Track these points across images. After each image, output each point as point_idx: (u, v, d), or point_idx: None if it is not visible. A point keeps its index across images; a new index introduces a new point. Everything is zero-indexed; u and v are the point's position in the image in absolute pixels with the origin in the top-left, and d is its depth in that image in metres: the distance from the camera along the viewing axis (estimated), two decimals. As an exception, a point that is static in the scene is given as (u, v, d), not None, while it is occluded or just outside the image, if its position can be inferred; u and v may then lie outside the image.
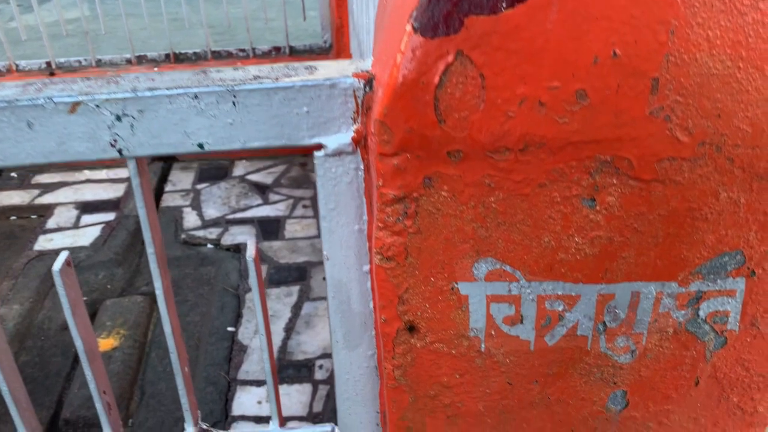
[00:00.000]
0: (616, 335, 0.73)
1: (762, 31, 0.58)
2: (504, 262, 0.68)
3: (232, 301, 2.77)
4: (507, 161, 0.62)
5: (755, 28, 0.58)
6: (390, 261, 0.68)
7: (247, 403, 2.22)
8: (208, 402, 2.21)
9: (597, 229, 0.66)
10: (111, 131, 0.66)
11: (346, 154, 0.69)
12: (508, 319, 0.72)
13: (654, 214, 0.65)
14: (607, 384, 0.77)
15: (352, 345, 0.83)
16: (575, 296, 0.70)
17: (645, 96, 0.59)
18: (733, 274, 0.69)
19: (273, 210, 3.21)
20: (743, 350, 0.76)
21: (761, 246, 0.67)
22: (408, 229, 0.66)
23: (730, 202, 0.64)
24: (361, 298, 0.79)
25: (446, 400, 0.77)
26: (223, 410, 2.19)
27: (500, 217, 0.65)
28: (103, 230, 3.14)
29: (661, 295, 0.70)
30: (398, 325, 0.72)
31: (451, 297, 0.70)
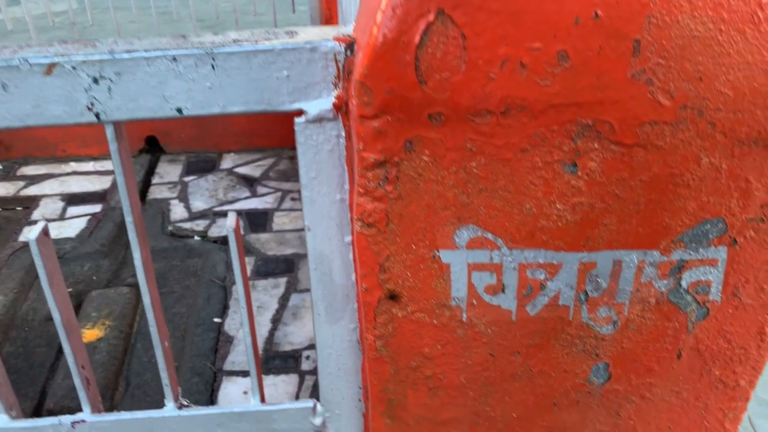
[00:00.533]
0: (598, 305, 0.73)
1: (743, -8, 0.58)
2: (486, 230, 0.67)
3: (219, 292, 2.75)
4: (488, 125, 0.61)
5: (737, -10, 0.58)
6: (371, 228, 0.67)
7: (233, 394, 2.20)
8: (194, 392, 2.19)
9: (578, 196, 0.65)
10: (88, 94, 0.65)
11: (327, 121, 0.68)
12: (489, 288, 0.71)
13: (635, 179, 0.64)
14: (589, 356, 0.77)
15: (334, 318, 0.82)
16: (557, 265, 0.69)
17: (626, 58, 0.59)
18: (714, 243, 0.69)
19: (261, 202, 3.19)
20: (725, 322, 0.75)
21: (743, 214, 0.67)
22: (389, 194, 0.65)
23: (711, 168, 0.64)
24: (343, 270, 0.78)
25: (428, 371, 0.77)
26: (208, 400, 2.18)
27: (482, 183, 0.65)
28: (89, 222, 3.12)
29: (643, 264, 0.70)
30: (379, 294, 0.71)
31: (433, 265, 0.70)
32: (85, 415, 0.87)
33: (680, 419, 0.84)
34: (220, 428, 0.89)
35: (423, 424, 0.81)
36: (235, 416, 0.88)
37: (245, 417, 0.89)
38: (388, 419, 0.80)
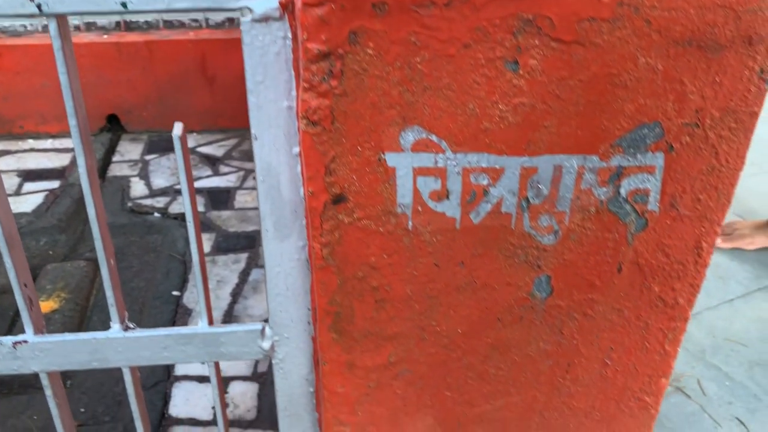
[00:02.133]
0: (540, 213, 0.74)
1: None
2: (430, 131, 0.68)
3: (179, 267, 2.72)
4: (432, 17, 0.62)
5: None
6: (316, 126, 0.67)
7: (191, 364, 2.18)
8: (150, 362, 2.16)
9: (520, 95, 0.66)
10: (29, -18, 0.64)
11: (274, 20, 0.69)
12: (434, 194, 0.72)
13: (575, 79, 0.66)
14: (532, 267, 0.78)
15: (282, 235, 0.82)
16: (499, 169, 0.71)
17: (565, -50, 0.60)
18: (652, 149, 0.71)
19: (223, 181, 3.17)
20: (663, 234, 0.77)
21: (678, 118, 0.69)
22: (334, 90, 0.65)
23: (648, 69, 0.66)
24: (291, 183, 0.78)
25: (374, 282, 0.77)
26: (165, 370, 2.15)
27: (426, 81, 0.65)
28: (47, 197, 3.06)
29: (583, 170, 0.71)
30: (325, 198, 0.71)
31: (378, 169, 0.70)
32: (28, 336, 0.85)
33: (622, 339, 0.86)
34: (167, 351, 0.89)
35: (369, 338, 0.82)
36: (182, 338, 0.88)
37: (192, 339, 0.88)
38: (335, 333, 0.81)
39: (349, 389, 0.86)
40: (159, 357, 0.90)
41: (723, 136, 0.71)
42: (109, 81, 3.35)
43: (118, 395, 2.00)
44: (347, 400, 0.87)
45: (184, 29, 3.39)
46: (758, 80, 0.68)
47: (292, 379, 0.94)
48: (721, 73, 0.67)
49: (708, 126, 0.70)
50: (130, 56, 3.31)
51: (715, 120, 0.70)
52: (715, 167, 0.73)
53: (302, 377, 0.94)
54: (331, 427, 0.90)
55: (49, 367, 0.88)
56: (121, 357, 0.88)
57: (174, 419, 1.92)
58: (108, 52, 3.32)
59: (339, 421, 0.89)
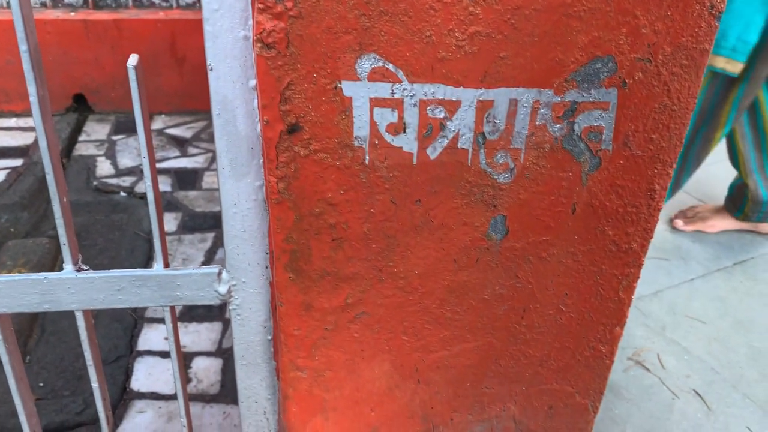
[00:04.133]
0: (496, 150, 0.74)
1: None
2: (387, 60, 0.68)
3: (143, 245, 2.69)
4: (388, -61, 0.62)
5: None
6: (271, 49, 0.67)
7: (154, 339, 2.16)
8: (113, 338, 2.14)
9: (476, 24, 0.67)
10: None
11: (231, -57, 0.68)
12: (391, 126, 0.72)
13: (530, 8, 0.66)
14: (488, 207, 0.78)
15: (239, 174, 0.81)
16: (456, 101, 0.71)
17: None
18: (605, 84, 0.72)
19: (191, 162, 3.14)
20: (617, 174, 0.78)
21: (631, 53, 0.70)
22: (289, 11, 0.65)
23: (602, 1, 0.67)
24: (247, 118, 0.77)
25: (331, 219, 0.77)
26: (128, 345, 2.13)
27: (382, 5, 0.65)
28: (9, 175, 3.00)
29: (538, 104, 0.72)
30: (281, 128, 0.71)
31: (335, 98, 0.70)
32: (-24, 276, 0.83)
33: (576, 284, 0.87)
34: (121, 293, 0.87)
35: (326, 279, 0.81)
36: (137, 280, 0.86)
37: (147, 281, 0.87)
38: (292, 273, 0.80)
39: (306, 331, 0.85)
40: (113, 300, 0.88)
41: (675, 73, 0.72)
42: (76, 60, 3.29)
43: (79, 370, 1.97)
44: (304, 344, 0.87)
45: (154, 9, 3.35)
46: (708, 16, 0.69)
47: (250, 326, 0.93)
48: (673, 8, 0.68)
49: (660, 62, 0.71)
50: (98, 35, 3.26)
51: (667, 56, 0.71)
52: (668, 105, 0.74)
53: (259, 324, 0.93)
54: (288, 372, 0.89)
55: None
56: (74, 299, 0.87)
57: (135, 393, 1.90)
58: (75, 30, 3.26)
59: (296, 366, 0.89)
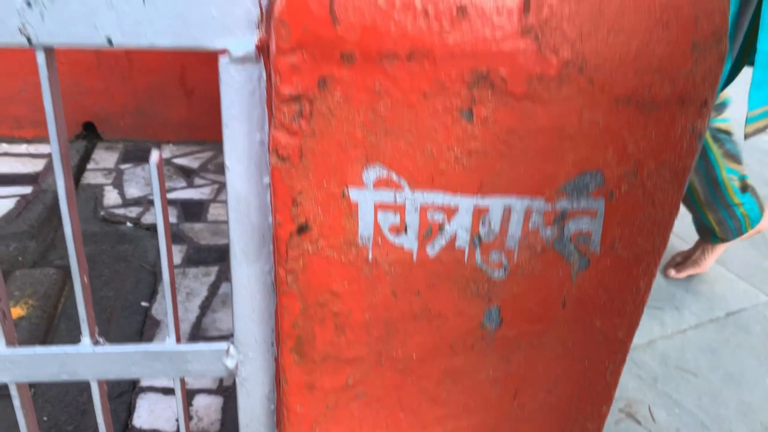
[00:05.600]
0: (490, 249, 0.80)
1: (618, -35, 0.66)
2: (391, 170, 0.74)
3: (148, 277, 2.74)
4: (395, 68, 0.68)
5: (614, -37, 0.66)
6: (285, 161, 0.72)
7: (156, 375, 2.20)
8: (116, 372, 2.17)
9: (474, 141, 0.72)
10: (20, 17, 0.68)
11: (250, 61, 0.74)
12: (393, 228, 0.77)
13: (524, 129, 0.72)
14: (483, 299, 0.84)
15: (250, 259, 0.86)
16: (454, 207, 0.76)
17: (518, 14, 0.66)
18: (594, 194, 0.77)
19: (197, 193, 3.19)
20: (604, 273, 0.84)
21: (618, 168, 0.75)
22: (303, 129, 0.71)
23: (591, 123, 0.72)
24: (260, 211, 0.83)
25: (335, 308, 0.82)
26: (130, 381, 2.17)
27: (388, 125, 0.71)
28: (18, 203, 3.05)
29: (530, 212, 0.77)
30: (291, 228, 0.76)
31: (342, 203, 0.75)
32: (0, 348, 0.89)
33: (566, 369, 0.92)
34: (135, 366, 0.92)
35: (329, 361, 0.86)
36: (151, 355, 0.91)
37: (160, 356, 0.92)
38: (297, 355, 0.85)
39: (308, 409, 0.90)
40: (127, 371, 0.93)
41: (658, 185, 0.77)
42: (87, 89, 3.36)
43: (82, 404, 2.01)
44: (306, 420, 0.91)
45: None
46: (690, 137, 0.75)
47: (255, 397, 0.98)
48: (657, 129, 0.74)
49: (645, 176, 0.76)
50: (109, 65, 3.33)
51: (651, 171, 0.76)
52: (651, 214, 0.79)
53: (264, 396, 0.98)
54: (290, 443, 0.94)
55: (19, 379, 0.91)
56: (90, 371, 0.92)
57: (137, 430, 1.94)
58: (87, 61, 3.33)
59: (297, 438, 0.93)
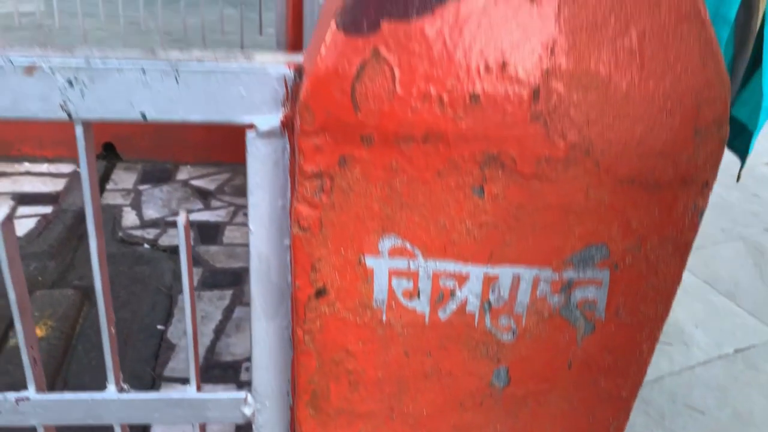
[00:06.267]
0: (500, 314, 0.83)
1: (624, 56, 0.70)
2: (405, 240, 0.78)
3: (164, 300, 2.79)
4: (411, 149, 0.72)
5: (621, 54, 0.70)
6: (306, 231, 0.76)
7: (170, 399, 2.24)
8: (131, 396, 2.22)
9: (484, 216, 0.76)
10: (62, 95, 0.73)
11: (275, 136, 0.78)
12: (407, 292, 0.81)
13: (532, 206, 0.76)
14: (492, 360, 0.87)
15: (269, 315, 0.90)
16: (465, 275, 0.80)
17: (528, 102, 0.70)
18: (599, 266, 0.81)
19: (213, 215, 3.25)
20: (609, 338, 0.87)
21: (622, 242, 0.79)
22: (323, 203, 0.75)
23: (597, 201, 0.76)
24: (280, 270, 0.87)
25: (349, 366, 0.86)
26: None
27: (404, 199, 0.75)
28: (39, 222, 3.12)
29: (538, 280, 0.81)
30: (310, 292, 0.80)
31: (358, 269, 0.79)
32: (30, 393, 0.93)
33: (571, 426, 0.95)
34: (157, 413, 0.96)
35: (343, 416, 0.90)
36: (172, 402, 0.96)
37: (181, 404, 0.96)
38: (312, 410, 0.89)
39: (321, 458, 0.94)
40: (150, 417, 0.97)
41: (661, 258, 0.81)
42: (108, 111, 3.42)
43: None
44: (319, 467, 0.95)
45: (186, 66, 3.47)
46: (692, 214, 0.78)
47: (270, 442, 1.02)
48: (660, 207, 0.77)
49: (648, 249, 0.80)
50: (131, 89, 3.39)
51: (654, 245, 0.80)
52: (654, 284, 0.82)
53: (279, 441, 1.02)
54: (303, 490, 0.97)
55: (47, 422, 0.95)
56: (115, 416, 0.96)
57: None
58: (109, 83, 3.40)
59: (310, 484, 0.97)
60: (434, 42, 0.68)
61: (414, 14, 0.67)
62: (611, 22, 0.70)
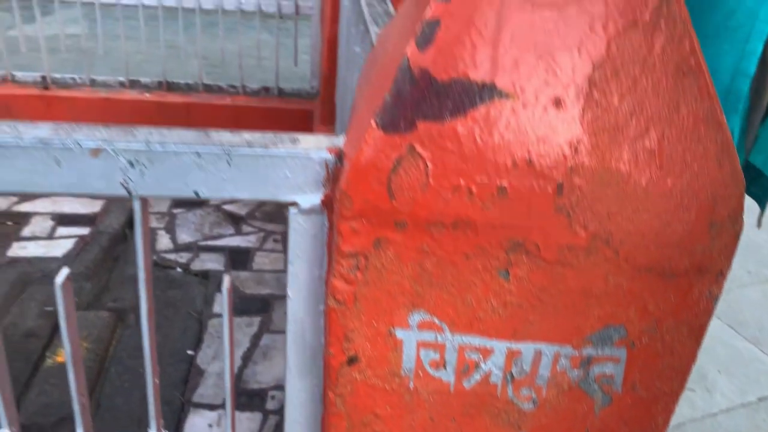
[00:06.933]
0: (521, 386, 0.88)
1: (643, 156, 0.75)
2: (434, 315, 0.83)
3: (195, 325, 2.86)
4: (441, 234, 0.78)
5: (641, 153, 0.75)
6: (341, 305, 0.82)
7: (199, 425, 2.31)
8: (161, 420, 2.29)
9: (509, 296, 0.81)
10: (124, 174, 0.80)
11: (315, 213, 0.84)
12: (434, 363, 0.86)
13: (555, 289, 0.81)
14: (513, 427, 0.92)
15: (303, 374, 0.96)
16: (489, 349, 0.85)
17: (552, 196, 0.75)
18: (617, 344, 0.85)
19: (244, 241, 3.33)
20: (625, 410, 0.91)
21: (639, 323, 0.83)
22: (358, 280, 0.81)
23: (615, 286, 0.81)
24: (314, 333, 0.93)
25: (378, 428, 0.91)
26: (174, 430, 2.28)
27: (433, 278, 0.81)
28: (77, 243, 3.23)
29: (559, 356, 0.85)
30: (342, 359, 0.86)
31: (389, 340, 0.85)
32: (77, 436, 1.00)
33: (588, 488, 0.99)
34: (193, 459, 1.02)
35: (369, 471, 0.95)
36: (208, 449, 1.02)
37: (216, 451, 1.02)
38: (340, 465, 0.94)
39: None
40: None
41: (677, 339, 0.85)
42: (146, 136, 3.54)
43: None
44: None
45: (222, 94, 3.60)
46: (707, 300, 0.82)
47: (299, 490, 1.07)
48: (676, 293, 0.81)
49: (664, 330, 0.84)
50: (168, 115, 3.52)
51: (670, 327, 0.84)
52: (670, 362, 0.87)
53: (308, 491, 1.07)
54: None
55: (92, 464, 1.02)
56: (154, 461, 1.02)
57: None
58: (148, 109, 3.53)
59: None
60: (465, 140, 0.74)
61: (447, 116, 0.73)
62: (632, 123, 0.75)
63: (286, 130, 0.83)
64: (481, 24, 0.72)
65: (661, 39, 0.74)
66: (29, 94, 3.48)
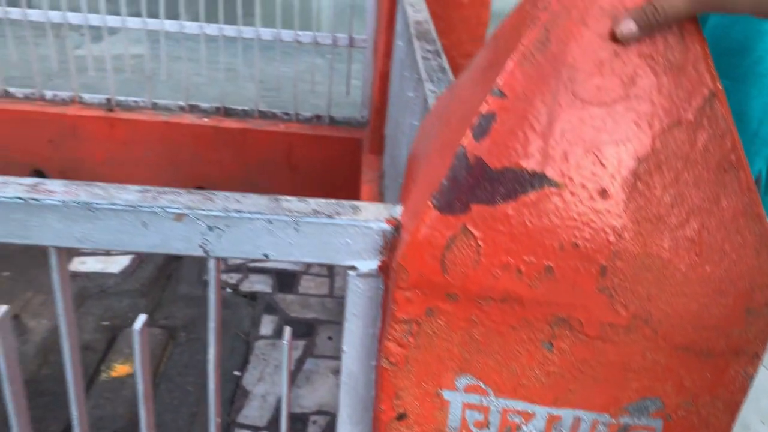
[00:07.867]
0: (560, 448, 0.93)
1: (684, 244, 0.80)
2: (479, 380, 0.89)
3: (242, 346, 2.96)
4: (490, 307, 0.84)
5: (681, 241, 0.80)
6: (393, 366, 0.89)
7: (242, 449, 2.39)
8: (206, 443, 2.39)
9: (552, 366, 0.87)
10: (202, 237, 0.89)
11: (372, 277, 0.91)
12: (478, 423, 0.92)
13: (595, 361, 0.86)
14: (550, 485, 0.96)
15: (354, 423, 1.03)
16: (531, 413, 0.90)
17: (595, 277, 0.81)
18: (653, 415, 0.89)
19: (290, 264, 3.43)
20: (660, 475, 0.95)
21: (676, 397, 0.88)
22: (410, 343, 0.87)
23: (653, 362, 0.85)
24: (366, 385, 1.00)
25: (421, 478, 0.97)
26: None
27: (480, 346, 0.86)
28: (133, 261, 3.37)
29: (597, 423, 0.90)
30: (392, 415, 0.92)
31: (436, 400, 0.91)
32: (143, 466, 1.08)
33: None
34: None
35: None
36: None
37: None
38: None
39: None
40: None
41: (712, 413, 0.89)
42: (202, 158, 3.69)
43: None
44: None
45: (276, 120, 3.72)
46: (742, 378, 0.86)
47: None
48: (712, 371, 0.85)
49: (700, 405, 0.88)
50: (224, 140, 3.66)
51: (706, 402, 0.88)
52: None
53: None
54: None
55: (155, 493, 1.10)
56: (211, 493, 1.10)
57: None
58: (206, 133, 3.67)
59: None
60: (515, 223, 0.80)
61: (499, 200, 0.79)
62: (674, 213, 0.80)
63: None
64: (534, 119, 0.78)
65: (703, 136, 0.79)
66: (95, 115, 3.66)
